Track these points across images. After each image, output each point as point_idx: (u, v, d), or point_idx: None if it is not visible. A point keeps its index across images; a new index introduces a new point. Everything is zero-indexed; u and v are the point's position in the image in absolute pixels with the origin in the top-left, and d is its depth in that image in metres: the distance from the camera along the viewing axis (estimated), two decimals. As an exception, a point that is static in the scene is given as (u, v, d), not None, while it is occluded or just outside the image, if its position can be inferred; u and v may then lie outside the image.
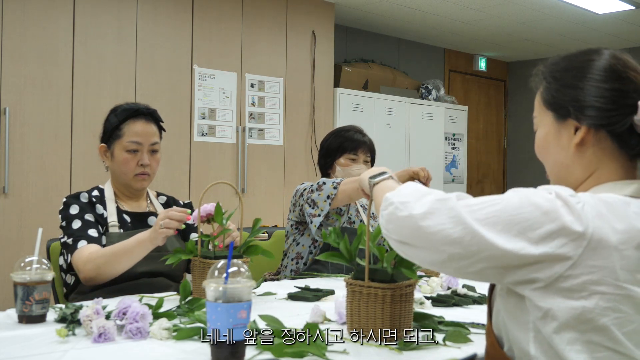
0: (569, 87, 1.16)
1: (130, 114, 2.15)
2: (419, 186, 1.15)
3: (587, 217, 1.01)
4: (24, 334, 1.43)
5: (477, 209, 1.04)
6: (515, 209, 1.02)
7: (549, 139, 1.20)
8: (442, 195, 1.08)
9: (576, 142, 1.15)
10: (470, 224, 1.02)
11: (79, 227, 2.03)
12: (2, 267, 3.69)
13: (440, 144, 6.47)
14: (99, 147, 2.20)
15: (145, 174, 2.15)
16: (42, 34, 3.86)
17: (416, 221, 1.06)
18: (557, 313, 1.00)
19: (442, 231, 1.03)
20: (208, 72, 4.61)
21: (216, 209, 1.90)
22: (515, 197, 1.04)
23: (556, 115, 1.18)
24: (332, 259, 1.51)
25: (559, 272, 1.00)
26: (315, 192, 2.49)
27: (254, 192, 4.84)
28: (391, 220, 1.10)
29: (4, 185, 3.71)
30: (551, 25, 6.19)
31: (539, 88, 1.23)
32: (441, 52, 7.31)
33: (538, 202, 1.02)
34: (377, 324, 1.39)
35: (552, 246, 1.00)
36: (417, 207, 1.07)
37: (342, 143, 2.73)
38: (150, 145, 2.15)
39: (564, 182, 1.18)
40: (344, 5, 5.54)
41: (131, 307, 1.41)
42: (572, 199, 1.03)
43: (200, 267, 1.83)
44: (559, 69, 1.20)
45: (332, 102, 5.41)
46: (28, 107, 3.80)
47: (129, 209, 2.19)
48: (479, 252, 1.02)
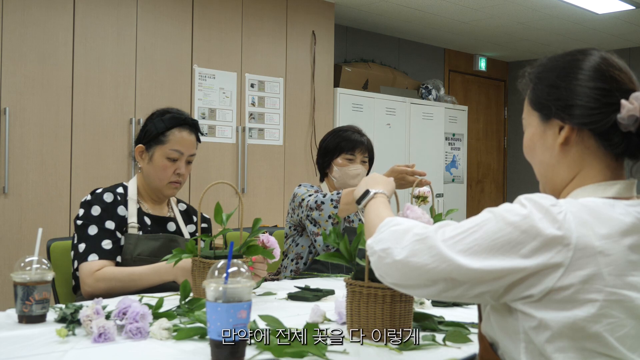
0: (553, 86, 1.16)
1: (178, 122, 2.16)
2: (396, 223, 1.15)
3: (570, 226, 1.00)
4: (24, 334, 1.43)
5: (458, 240, 1.05)
6: (494, 232, 1.03)
7: (535, 139, 1.20)
8: (421, 232, 1.08)
9: (560, 141, 1.15)
10: (453, 259, 1.03)
11: (94, 235, 2.03)
12: (2, 267, 3.69)
13: (440, 144, 6.47)
14: (136, 148, 2.20)
15: (179, 182, 2.18)
16: (42, 34, 3.86)
17: (402, 265, 1.08)
18: (550, 323, 1.00)
19: (429, 270, 1.05)
20: (208, 72, 4.61)
21: (216, 209, 1.91)
22: (492, 220, 1.04)
23: (541, 116, 1.18)
24: (332, 259, 1.51)
25: (550, 284, 1.00)
26: (315, 210, 2.48)
27: (254, 192, 4.84)
28: (378, 267, 1.13)
29: (4, 185, 3.71)
30: (551, 25, 6.19)
31: (526, 90, 1.23)
32: (441, 52, 7.31)
33: (514, 222, 1.02)
34: (377, 324, 1.39)
35: (541, 259, 1.00)
36: (398, 251, 1.09)
37: (339, 143, 2.73)
38: (189, 156, 2.19)
39: (551, 183, 1.19)
40: (344, 5, 5.54)
41: (131, 307, 1.41)
42: (554, 208, 1.02)
43: (200, 267, 1.83)
44: (544, 69, 1.20)
45: (332, 102, 5.41)
46: (28, 107, 3.80)
47: (151, 212, 2.20)
48: (470, 280, 1.03)
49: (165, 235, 2.15)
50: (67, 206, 3.94)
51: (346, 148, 2.70)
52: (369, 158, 2.79)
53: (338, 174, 2.71)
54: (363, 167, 2.73)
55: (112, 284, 1.96)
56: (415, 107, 6.20)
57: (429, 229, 1.09)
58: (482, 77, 7.81)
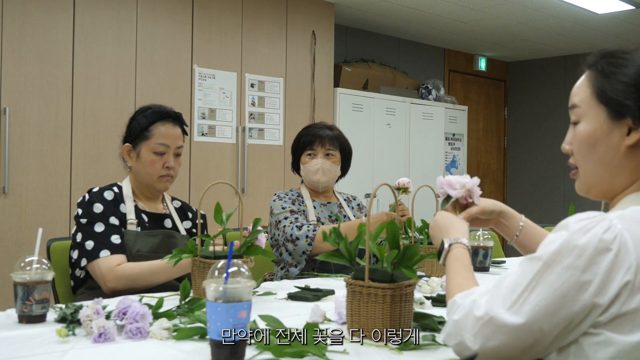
0: (633, 85, 1.09)
1: (160, 116, 2.17)
2: (455, 308, 1.11)
3: (628, 249, 0.97)
4: (24, 334, 1.43)
5: (522, 302, 1.00)
6: (555, 282, 0.98)
7: (598, 135, 1.12)
8: (482, 315, 1.03)
9: (629, 143, 1.09)
10: (527, 326, 0.99)
11: (102, 232, 2.04)
12: (2, 267, 3.69)
13: (440, 144, 6.47)
14: (123, 147, 2.21)
15: (169, 176, 2.19)
16: (42, 34, 3.86)
17: (483, 353, 1.04)
18: (616, 341, 0.98)
19: (512, 347, 1.01)
20: (208, 72, 4.61)
21: (216, 209, 1.91)
22: (546, 269, 0.99)
23: (611, 112, 1.11)
24: (332, 259, 1.51)
25: (616, 310, 0.97)
26: (291, 243, 2.47)
27: (254, 192, 4.84)
28: (460, 352, 1.09)
29: (4, 185, 3.71)
30: (551, 25, 6.19)
31: (591, 78, 1.15)
32: (441, 52, 7.31)
33: (570, 264, 0.98)
34: (377, 324, 1.38)
35: (611, 290, 0.97)
36: (471, 342, 1.05)
37: (300, 139, 2.71)
38: (176, 148, 2.20)
39: (606, 184, 1.14)
40: (344, 5, 5.54)
41: (131, 307, 1.41)
42: (607, 235, 0.97)
43: (200, 267, 1.83)
44: (622, 63, 1.12)
45: (332, 102, 5.41)
46: (28, 107, 3.80)
47: (147, 209, 2.21)
48: (553, 336, 1.00)
49: (163, 231, 2.16)
50: (67, 206, 3.94)
51: (306, 144, 2.67)
52: (341, 152, 2.71)
53: (303, 172, 2.69)
54: (327, 160, 2.65)
55: (133, 279, 1.98)
56: (415, 107, 6.20)
57: (486, 305, 1.04)
58: (482, 77, 7.81)
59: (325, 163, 2.64)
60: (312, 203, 2.67)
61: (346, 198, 2.81)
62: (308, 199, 2.67)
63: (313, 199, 2.70)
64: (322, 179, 2.65)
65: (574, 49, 7.23)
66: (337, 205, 2.73)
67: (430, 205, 2.98)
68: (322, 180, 2.65)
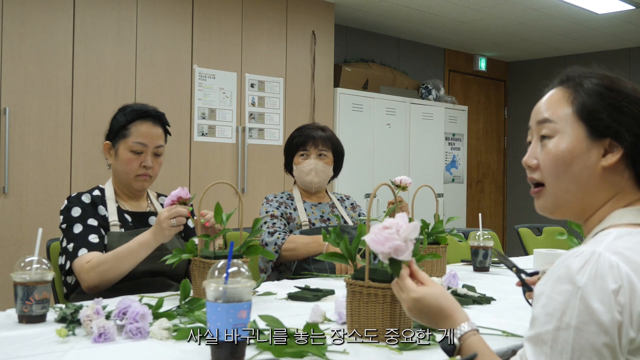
0: (617, 109, 1.09)
1: (139, 115, 2.15)
2: None
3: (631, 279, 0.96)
4: (24, 334, 1.43)
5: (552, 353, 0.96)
6: (577, 341, 0.95)
7: (576, 153, 1.10)
8: None
9: (605, 164, 1.09)
10: None
11: (80, 232, 2.03)
12: (2, 267, 3.69)
13: (440, 144, 6.47)
14: (103, 144, 2.20)
15: (147, 176, 2.16)
16: (42, 34, 3.86)
17: None
18: None
19: None
20: (208, 72, 4.61)
21: (216, 209, 1.91)
22: (564, 332, 0.96)
23: (590, 131, 1.10)
24: (332, 259, 1.51)
25: None
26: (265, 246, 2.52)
27: (254, 192, 4.84)
28: None
29: (4, 185, 3.71)
30: (551, 25, 6.19)
31: (570, 94, 1.13)
32: (441, 52, 7.31)
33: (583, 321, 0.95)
34: (377, 324, 1.39)
35: (632, 332, 0.95)
36: None
37: (292, 140, 2.74)
38: (155, 147, 2.16)
39: (580, 203, 1.12)
40: (344, 5, 5.54)
41: (131, 307, 1.41)
42: (610, 272, 0.95)
43: (200, 267, 1.83)
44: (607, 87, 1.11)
45: (332, 102, 5.41)
46: (28, 107, 3.80)
47: (130, 209, 2.19)
48: None
49: (146, 229, 2.14)
50: (67, 206, 3.94)
51: (299, 144, 2.70)
52: (334, 152, 2.73)
53: (296, 172, 2.71)
54: (319, 160, 2.67)
55: (100, 269, 1.93)
56: (415, 107, 6.20)
57: None
58: (482, 77, 7.81)
59: (318, 164, 2.67)
60: (303, 204, 2.69)
61: (340, 198, 2.82)
62: (299, 201, 2.69)
63: (304, 200, 2.72)
64: (315, 179, 2.66)
65: (574, 49, 7.23)
66: (330, 205, 2.74)
67: (431, 205, 2.98)
68: (315, 181, 2.67)
